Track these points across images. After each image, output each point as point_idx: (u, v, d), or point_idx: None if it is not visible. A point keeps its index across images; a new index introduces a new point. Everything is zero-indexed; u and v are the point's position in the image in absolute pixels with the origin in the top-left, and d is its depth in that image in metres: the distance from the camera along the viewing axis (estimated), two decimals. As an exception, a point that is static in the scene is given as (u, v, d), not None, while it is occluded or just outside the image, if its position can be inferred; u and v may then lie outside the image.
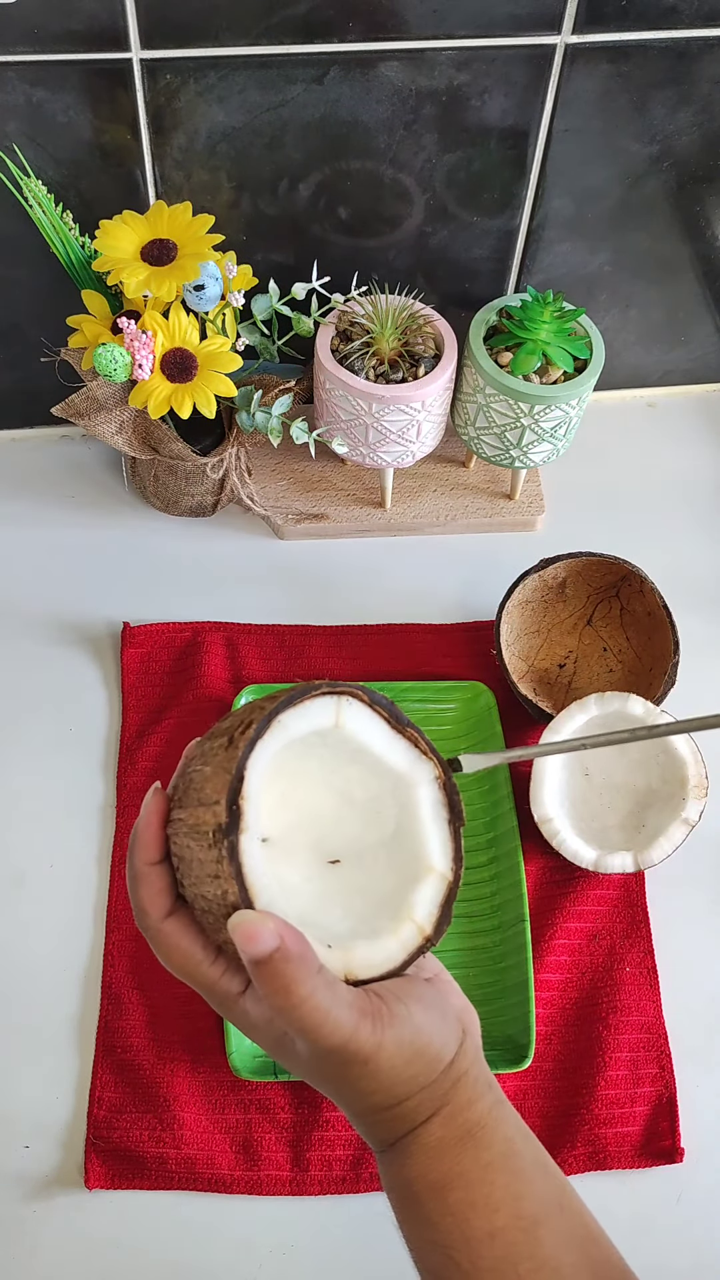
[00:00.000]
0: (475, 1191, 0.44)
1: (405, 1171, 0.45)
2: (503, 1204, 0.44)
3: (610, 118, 0.73)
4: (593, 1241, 0.45)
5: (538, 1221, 0.44)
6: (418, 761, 0.48)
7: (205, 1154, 0.64)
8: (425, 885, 0.47)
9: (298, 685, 0.46)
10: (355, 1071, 0.43)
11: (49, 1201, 0.63)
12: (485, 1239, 0.43)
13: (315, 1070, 0.44)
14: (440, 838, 0.48)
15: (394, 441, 0.78)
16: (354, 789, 0.50)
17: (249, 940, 0.41)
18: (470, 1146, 0.44)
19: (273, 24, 0.66)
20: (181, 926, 0.45)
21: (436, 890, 0.47)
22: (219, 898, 0.43)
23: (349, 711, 0.47)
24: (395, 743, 0.48)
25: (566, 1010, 0.69)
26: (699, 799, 0.70)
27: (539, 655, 0.81)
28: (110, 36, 0.65)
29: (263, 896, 0.42)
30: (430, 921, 0.46)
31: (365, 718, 0.48)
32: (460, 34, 0.67)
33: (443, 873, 0.47)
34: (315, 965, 0.42)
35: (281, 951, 0.41)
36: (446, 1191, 0.44)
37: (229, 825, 0.42)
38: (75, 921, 0.71)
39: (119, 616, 0.83)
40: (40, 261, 0.74)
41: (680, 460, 0.94)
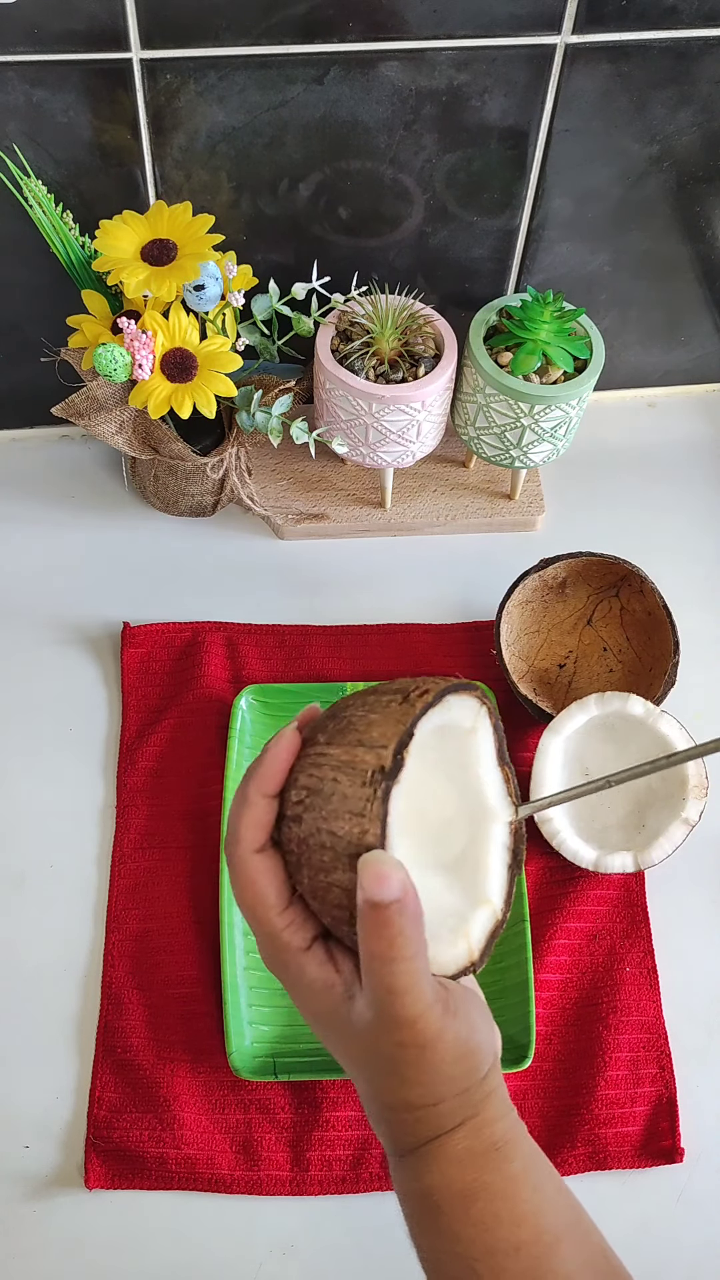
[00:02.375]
0: (500, 1204, 0.44)
1: (427, 1179, 0.44)
2: (526, 1218, 0.44)
3: (610, 118, 0.73)
4: (606, 1260, 0.46)
5: (559, 1238, 0.44)
6: (503, 800, 0.49)
7: (205, 1154, 0.64)
8: (480, 913, 0.47)
9: (458, 678, 0.47)
10: (410, 1055, 0.42)
11: (49, 1201, 0.63)
12: (510, 1252, 0.43)
13: (368, 1046, 0.43)
14: (500, 878, 0.48)
15: (394, 441, 0.78)
16: (438, 804, 0.50)
17: (378, 881, 0.40)
18: (496, 1160, 0.44)
19: (273, 24, 0.66)
20: (268, 865, 0.45)
21: (487, 921, 0.47)
22: (353, 835, 0.42)
23: (484, 724, 0.48)
24: (494, 773, 0.49)
25: (567, 1010, 0.69)
26: (699, 799, 0.70)
27: (539, 655, 0.81)
28: (110, 36, 0.65)
29: (395, 851, 0.42)
30: (479, 947, 0.47)
31: (487, 737, 0.49)
32: (460, 34, 0.67)
33: (496, 908, 0.48)
34: (423, 933, 0.42)
35: (402, 903, 0.40)
36: (470, 1203, 0.44)
37: (391, 770, 0.42)
38: (75, 921, 0.71)
39: (119, 616, 0.83)
40: (40, 261, 0.74)
41: (680, 460, 0.94)
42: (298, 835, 0.44)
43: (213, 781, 0.74)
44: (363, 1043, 0.43)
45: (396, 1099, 0.44)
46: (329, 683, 0.78)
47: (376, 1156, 0.64)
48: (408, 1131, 0.45)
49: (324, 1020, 0.45)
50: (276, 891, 0.44)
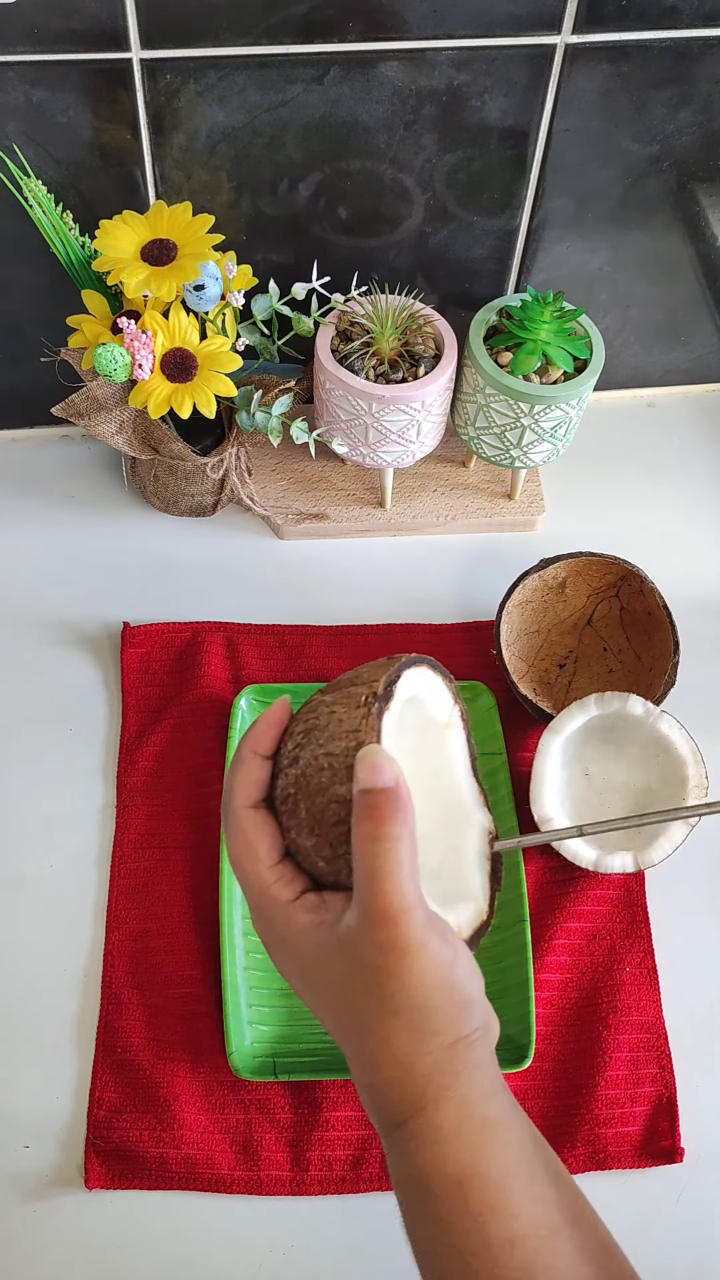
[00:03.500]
0: (495, 1194, 0.42)
1: (417, 1158, 0.43)
2: (522, 1209, 0.42)
3: (610, 118, 0.73)
4: (607, 1253, 0.44)
5: (556, 1230, 0.42)
6: (479, 808, 0.51)
7: (205, 1154, 0.64)
8: (464, 908, 0.48)
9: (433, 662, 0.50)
10: (391, 963, 0.42)
11: (49, 1202, 0.63)
12: (505, 1245, 0.41)
13: (353, 959, 0.43)
14: (480, 881, 0.49)
15: (394, 441, 0.78)
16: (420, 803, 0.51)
17: (373, 771, 0.42)
18: (488, 1143, 0.43)
19: (273, 24, 0.66)
20: (260, 820, 0.46)
21: (472, 918, 0.48)
22: (349, 749, 0.45)
23: (457, 724, 0.51)
24: (469, 779, 0.51)
25: (566, 1010, 0.69)
26: (699, 799, 0.70)
27: (539, 655, 0.81)
28: (110, 36, 0.65)
29: None
30: (464, 937, 0.47)
31: (461, 741, 0.51)
32: (460, 34, 0.67)
33: (481, 907, 0.48)
34: (414, 827, 0.43)
35: (395, 791, 0.42)
36: (464, 1190, 0.42)
37: (382, 695, 0.45)
38: (75, 922, 0.71)
39: (119, 616, 0.83)
40: (40, 261, 0.74)
41: (680, 460, 0.94)
42: (294, 775, 0.46)
43: (212, 781, 0.74)
44: (348, 959, 0.43)
45: (380, 1040, 0.43)
46: (329, 683, 0.78)
47: (376, 1157, 0.64)
48: (394, 1091, 0.43)
49: (310, 965, 0.45)
50: (268, 846, 0.46)
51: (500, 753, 0.75)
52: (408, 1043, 0.43)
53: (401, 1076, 0.43)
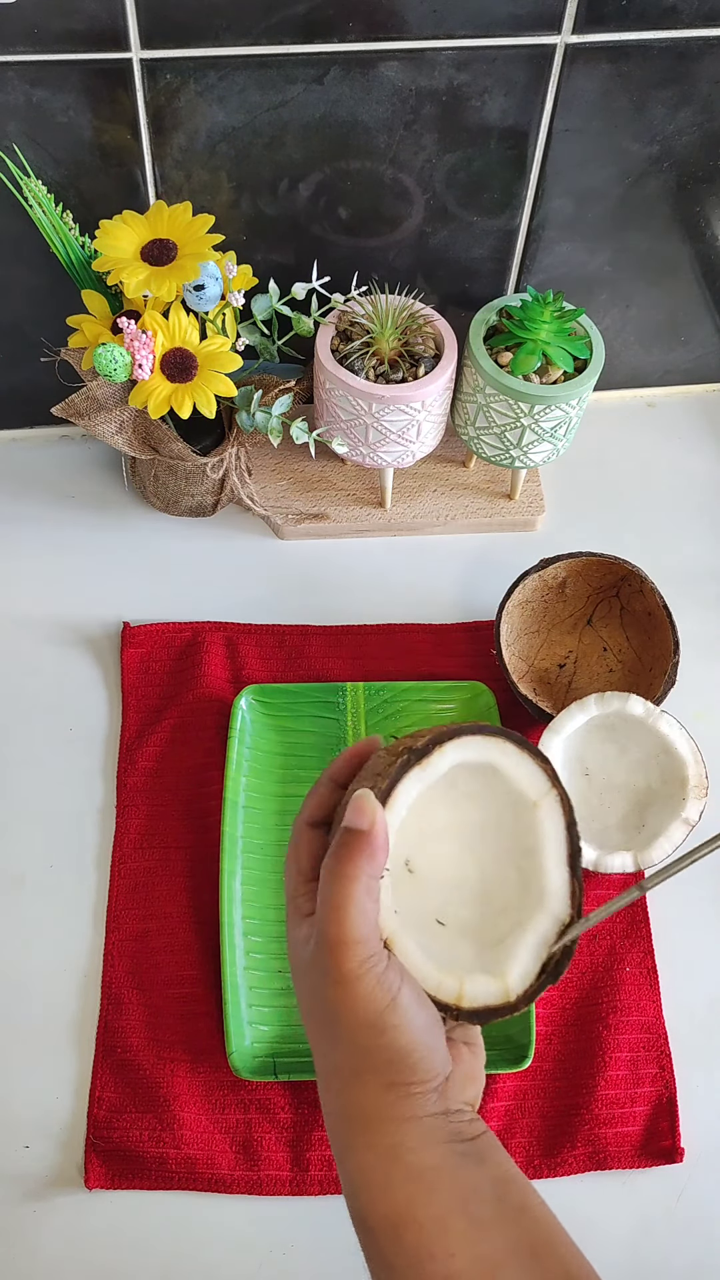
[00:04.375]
0: (429, 1237, 0.43)
1: (355, 1201, 0.45)
2: (460, 1249, 0.43)
3: (610, 118, 0.73)
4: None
5: (499, 1266, 0.43)
6: (561, 899, 0.51)
7: (205, 1154, 0.64)
8: (487, 981, 0.49)
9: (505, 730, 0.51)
10: (327, 991, 0.44)
11: (49, 1201, 0.63)
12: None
13: (312, 982, 0.46)
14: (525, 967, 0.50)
15: (394, 441, 0.78)
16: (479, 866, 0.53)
17: (356, 812, 0.46)
18: (420, 1190, 0.44)
19: (273, 24, 0.66)
20: (311, 837, 0.50)
21: (492, 994, 0.49)
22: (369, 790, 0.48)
23: (551, 806, 0.51)
24: (561, 871, 0.51)
25: (566, 1010, 0.69)
26: (699, 799, 0.70)
27: (539, 655, 0.81)
28: (110, 36, 0.65)
29: (395, 810, 0.48)
30: (470, 1004, 0.49)
31: (557, 827, 0.51)
32: (460, 34, 0.67)
33: (510, 989, 0.49)
34: (377, 870, 0.45)
35: (368, 835, 0.45)
36: (399, 1233, 0.43)
37: (419, 751, 0.48)
38: (75, 922, 0.71)
39: (119, 616, 0.83)
40: (40, 261, 0.74)
41: (680, 460, 0.94)
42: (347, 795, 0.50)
43: (212, 782, 0.74)
44: (307, 979, 0.46)
45: (328, 1066, 0.46)
46: (329, 683, 0.78)
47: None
48: (334, 1121, 0.46)
49: (295, 975, 0.48)
50: (310, 863, 0.49)
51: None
52: (347, 1074, 0.45)
53: (340, 1107, 0.46)
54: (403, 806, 0.48)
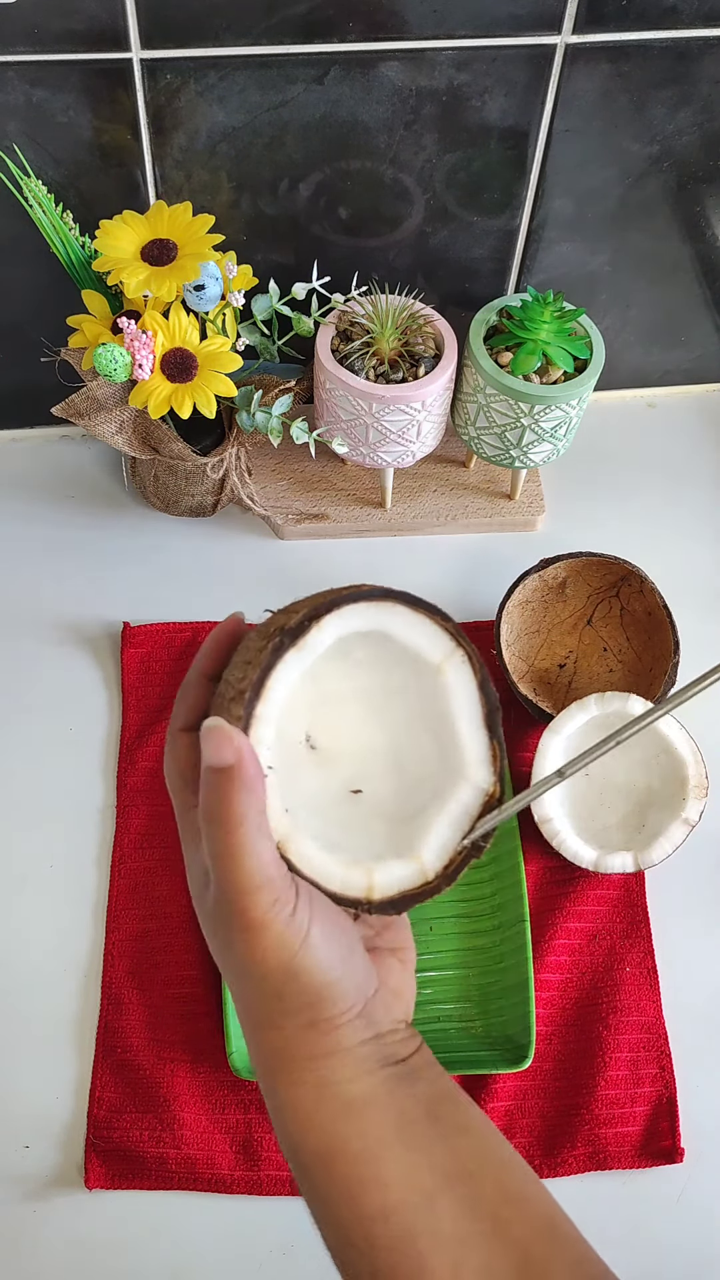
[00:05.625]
0: (362, 1168, 0.41)
1: (286, 1137, 0.43)
2: (394, 1179, 0.41)
3: (610, 118, 0.73)
4: (512, 1204, 0.42)
5: (434, 1194, 0.41)
6: (482, 765, 0.47)
7: (205, 1154, 0.64)
8: (400, 865, 0.46)
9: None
10: (235, 939, 0.41)
11: (49, 1202, 0.63)
12: (379, 1218, 0.41)
13: (215, 924, 0.43)
14: (443, 842, 0.46)
15: (394, 441, 0.78)
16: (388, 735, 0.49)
17: (215, 747, 0.41)
18: (353, 1122, 0.42)
19: (273, 24, 0.66)
20: (190, 743, 0.45)
21: (407, 878, 0.46)
22: (237, 681, 0.43)
23: (457, 668, 0.47)
24: (478, 735, 0.47)
25: (566, 1010, 0.69)
26: (699, 799, 0.70)
27: (539, 655, 0.81)
28: (110, 36, 0.65)
29: (271, 700, 0.43)
30: (381, 894, 0.45)
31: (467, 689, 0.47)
32: (460, 34, 0.67)
33: (425, 867, 0.46)
34: (259, 803, 0.41)
35: (232, 771, 0.40)
36: (331, 1166, 0.42)
37: (293, 630, 0.43)
38: (75, 922, 0.71)
39: (119, 616, 0.83)
40: (40, 261, 0.74)
41: (680, 460, 0.94)
42: (219, 688, 0.45)
43: (213, 781, 0.74)
44: (213, 920, 0.43)
45: (242, 1005, 0.43)
46: None
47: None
48: (258, 1060, 0.43)
49: (200, 912, 0.44)
50: (193, 773, 0.44)
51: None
52: (262, 1014, 0.43)
53: (261, 1044, 0.43)
54: (280, 697, 0.43)
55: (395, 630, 0.46)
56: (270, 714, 0.43)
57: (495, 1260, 0.40)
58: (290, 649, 0.43)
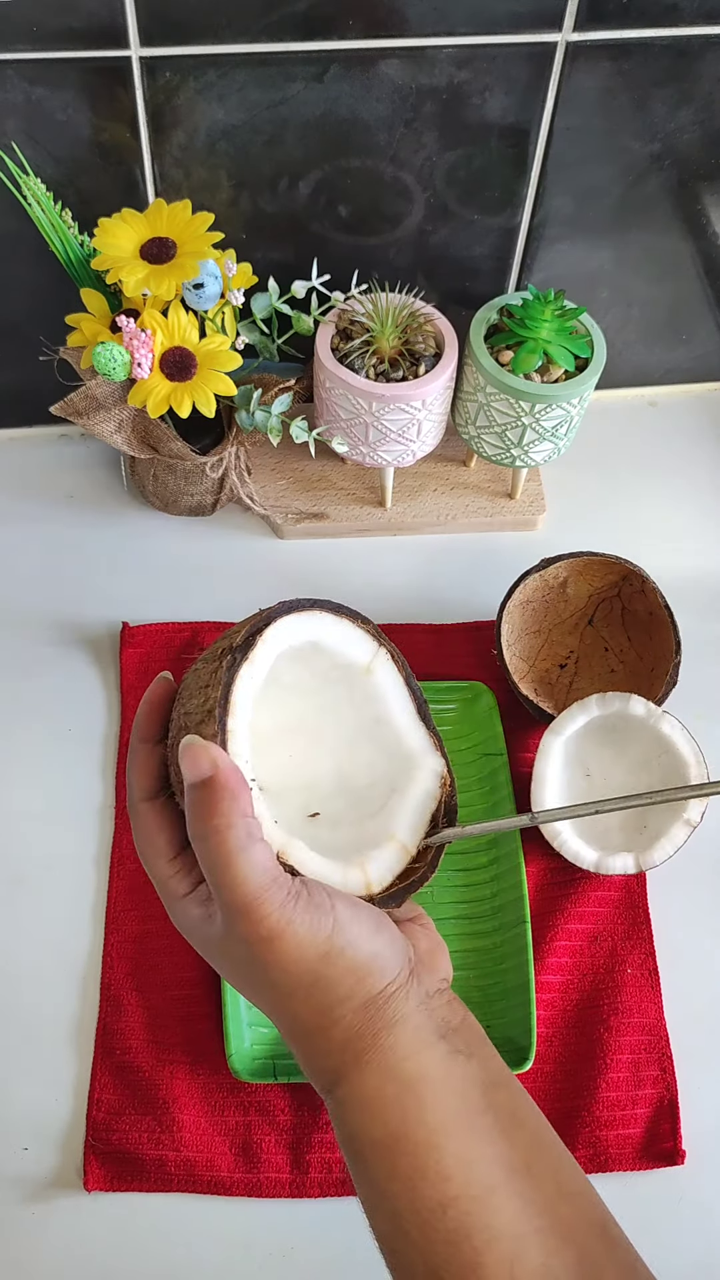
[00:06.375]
0: (423, 1158, 0.41)
1: (347, 1126, 0.43)
2: (455, 1172, 0.41)
3: (611, 116, 0.73)
4: (567, 1201, 0.42)
5: (495, 1189, 0.41)
6: (430, 753, 0.49)
7: (204, 1156, 0.64)
8: (384, 850, 0.47)
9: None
10: (259, 953, 0.41)
11: (47, 1204, 0.63)
12: (437, 1210, 0.40)
13: (233, 959, 0.42)
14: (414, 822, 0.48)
15: (394, 440, 0.77)
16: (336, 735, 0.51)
17: (192, 762, 0.41)
18: (414, 1104, 0.42)
19: (272, 21, 0.65)
20: (157, 811, 0.46)
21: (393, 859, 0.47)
22: (198, 707, 0.44)
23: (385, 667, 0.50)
24: (417, 727, 0.49)
25: (567, 1012, 0.68)
26: (700, 800, 0.69)
27: (540, 655, 0.81)
28: (109, 34, 0.65)
29: (239, 715, 0.43)
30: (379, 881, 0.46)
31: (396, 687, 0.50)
32: (461, 31, 0.67)
33: (405, 844, 0.48)
34: (244, 808, 0.41)
35: (212, 782, 0.41)
36: (393, 1156, 0.41)
37: (242, 646, 0.44)
38: (74, 923, 0.71)
39: (118, 616, 0.82)
40: (39, 260, 0.74)
41: (682, 459, 0.94)
42: (173, 730, 0.45)
43: (212, 782, 0.74)
44: (228, 954, 0.43)
45: (288, 1019, 0.43)
46: None
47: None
48: (316, 1062, 0.43)
49: (211, 955, 0.45)
50: (166, 839, 0.45)
51: (501, 753, 0.75)
52: (313, 1017, 0.42)
53: (318, 1048, 0.43)
54: (245, 709, 0.44)
55: (325, 639, 0.48)
56: (240, 729, 0.44)
57: (552, 1259, 0.40)
58: (244, 663, 0.44)
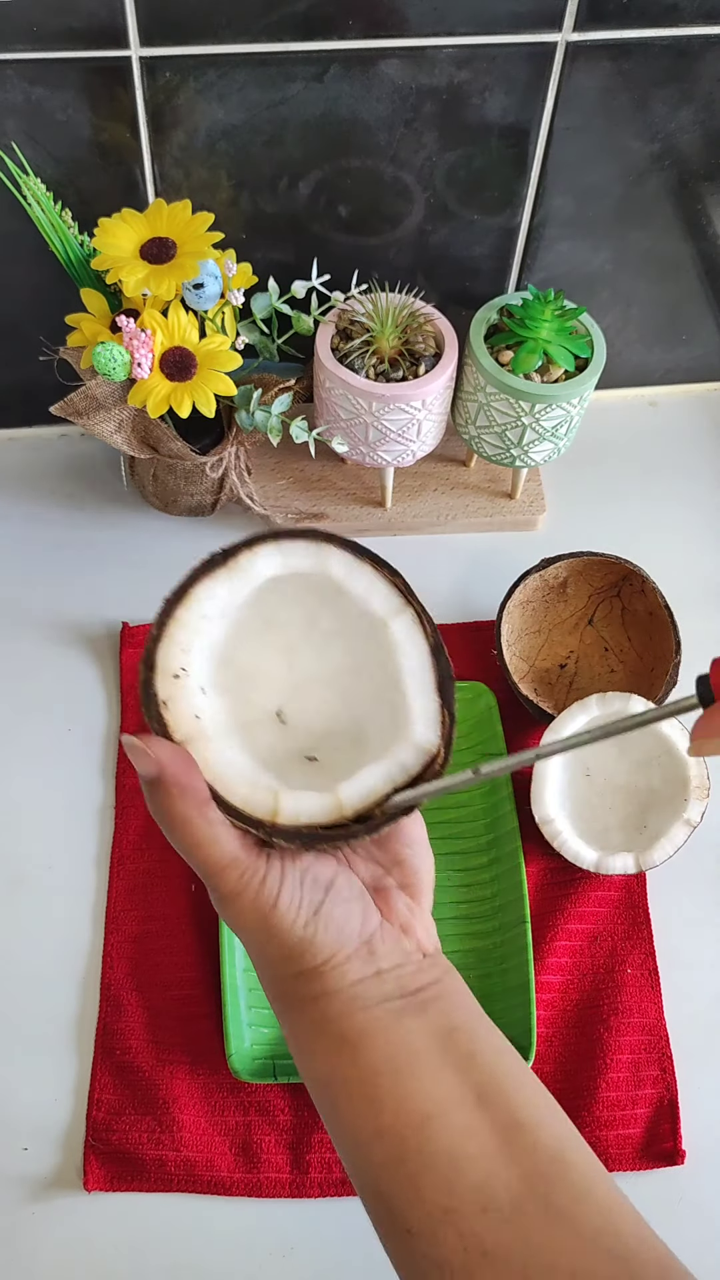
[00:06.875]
0: (356, 1092, 0.43)
1: (296, 1061, 0.46)
2: (385, 1104, 0.43)
3: (611, 116, 0.73)
4: (519, 1129, 0.43)
5: (430, 1117, 0.42)
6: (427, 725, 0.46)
7: (204, 1156, 0.64)
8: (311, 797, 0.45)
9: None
10: (222, 910, 0.45)
11: (48, 1204, 0.63)
12: (373, 1137, 0.43)
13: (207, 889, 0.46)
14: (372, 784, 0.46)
15: (394, 440, 0.77)
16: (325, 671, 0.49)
17: (138, 764, 0.43)
18: (347, 1054, 0.44)
19: (272, 21, 0.65)
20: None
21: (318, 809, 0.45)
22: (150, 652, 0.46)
23: (406, 626, 0.47)
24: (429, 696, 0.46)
25: (568, 1012, 0.68)
26: (700, 800, 0.69)
27: (540, 655, 0.81)
28: (109, 34, 0.65)
29: (195, 610, 0.44)
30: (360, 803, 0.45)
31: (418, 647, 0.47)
32: (461, 31, 0.67)
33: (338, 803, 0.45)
34: (199, 797, 0.43)
35: (159, 780, 0.43)
36: (329, 1092, 0.44)
37: (226, 550, 0.44)
38: (74, 923, 0.71)
39: (118, 616, 0.82)
40: (39, 260, 0.74)
41: (681, 459, 0.94)
42: None
43: (212, 782, 0.74)
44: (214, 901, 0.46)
45: (247, 950, 0.47)
46: None
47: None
48: (269, 997, 0.47)
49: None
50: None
51: (501, 753, 0.75)
52: (262, 966, 0.47)
53: (265, 984, 0.47)
54: (209, 612, 0.44)
55: (339, 575, 0.46)
56: (194, 624, 0.44)
57: (491, 1179, 0.41)
58: (221, 567, 0.44)
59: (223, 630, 0.46)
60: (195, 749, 0.44)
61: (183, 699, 0.44)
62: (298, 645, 0.50)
